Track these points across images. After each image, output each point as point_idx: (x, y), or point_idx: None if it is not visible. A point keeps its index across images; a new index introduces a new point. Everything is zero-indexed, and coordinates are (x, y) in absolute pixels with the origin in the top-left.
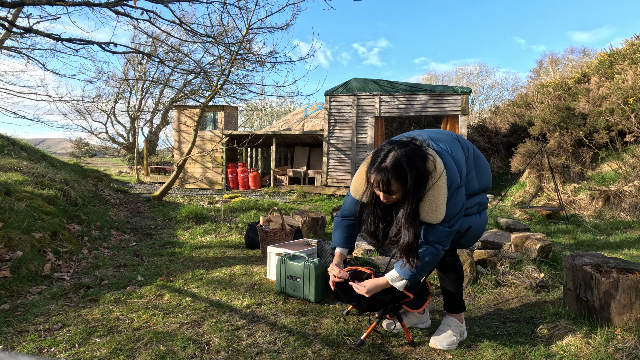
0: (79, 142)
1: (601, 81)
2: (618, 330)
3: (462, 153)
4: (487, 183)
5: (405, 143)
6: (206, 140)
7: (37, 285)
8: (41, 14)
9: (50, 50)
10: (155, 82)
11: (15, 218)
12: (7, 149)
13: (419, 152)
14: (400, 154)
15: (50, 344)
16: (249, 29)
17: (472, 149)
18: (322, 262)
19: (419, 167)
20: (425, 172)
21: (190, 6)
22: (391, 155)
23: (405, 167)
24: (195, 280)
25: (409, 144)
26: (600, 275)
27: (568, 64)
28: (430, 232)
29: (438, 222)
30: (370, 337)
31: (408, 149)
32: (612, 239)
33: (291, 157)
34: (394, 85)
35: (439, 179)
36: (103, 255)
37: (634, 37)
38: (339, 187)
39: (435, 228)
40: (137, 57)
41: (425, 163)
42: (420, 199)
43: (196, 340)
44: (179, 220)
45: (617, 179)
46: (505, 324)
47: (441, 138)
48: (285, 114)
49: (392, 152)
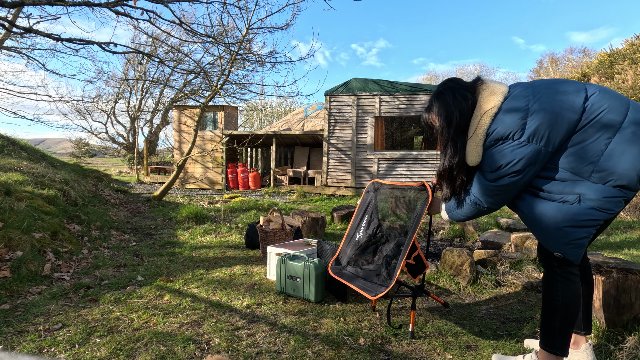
0: (79, 142)
1: (601, 81)
2: (618, 330)
3: (565, 107)
4: (618, 171)
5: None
6: (206, 140)
7: (37, 285)
8: (41, 14)
9: (50, 50)
10: (155, 82)
11: (15, 218)
12: (7, 149)
13: (451, 85)
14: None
15: (50, 344)
16: (249, 29)
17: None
18: (322, 262)
19: (445, 99)
20: (449, 105)
21: (190, 6)
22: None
23: (433, 100)
24: (195, 280)
25: (447, 81)
26: (600, 275)
27: (568, 63)
28: (474, 178)
29: (472, 165)
30: (370, 337)
31: (442, 85)
32: (612, 239)
33: (291, 157)
34: (395, 85)
35: (481, 118)
36: (103, 255)
37: (633, 37)
38: (339, 187)
39: (477, 176)
40: (137, 57)
41: (453, 97)
42: (454, 133)
43: (196, 340)
44: (179, 220)
45: None
46: (505, 324)
47: (536, 84)
48: (285, 114)
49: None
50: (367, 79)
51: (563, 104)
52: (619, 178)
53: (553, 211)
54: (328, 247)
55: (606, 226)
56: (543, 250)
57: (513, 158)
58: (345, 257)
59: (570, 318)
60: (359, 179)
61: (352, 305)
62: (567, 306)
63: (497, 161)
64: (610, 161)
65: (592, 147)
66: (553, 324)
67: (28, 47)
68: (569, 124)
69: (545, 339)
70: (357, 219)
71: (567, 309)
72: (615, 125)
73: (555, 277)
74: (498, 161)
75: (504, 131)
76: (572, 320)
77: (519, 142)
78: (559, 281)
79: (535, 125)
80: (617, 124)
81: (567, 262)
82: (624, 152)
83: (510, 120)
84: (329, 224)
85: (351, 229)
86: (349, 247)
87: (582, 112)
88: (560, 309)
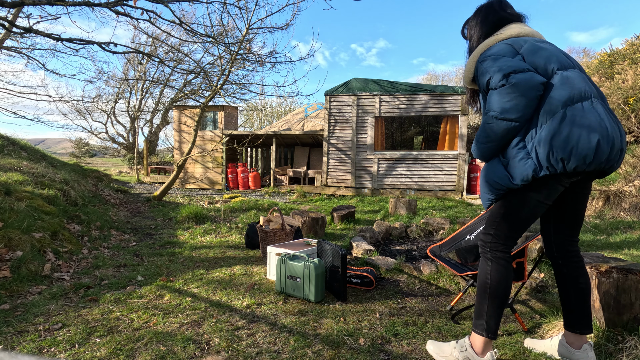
0: (79, 142)
1: (601, 81)
2: (618, 330)
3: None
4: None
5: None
6: (206, 140)
7: (37, 285)
8: (41, 14)
9: (50, 50)
10: (155, 82)
11: (15, 218)
12: (7, 149)
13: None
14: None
15: (50, 344)
16: (249, 29)
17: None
18: (322, 262)
19: (477, 17)
20: (473, 20)
21: (190, 6)
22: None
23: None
24: (195, 280)
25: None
26: (600, 275)
27: None
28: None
29: (466, 83)
30: (370, 337)
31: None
32: (612, 239)
33: (291, 157)
34: (395, 85)
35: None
36: (103, 255)
37: (633, 37)
38: (339, 187)
39: (488, 95)
40: (137, 57)
41: (479, 16)
42: (472, 46)
43: (196, 340)
44: (179, 220)
45: (617, 179)
46: (505, 324)
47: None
48: (285, 114)
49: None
50: (367, 79)
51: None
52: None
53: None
54: (328, 247)
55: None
56: (482, 237)
57: (505, 63)
58: (447, 247)
59: (498, 301)
60: (359, 179)
61: (352, 305)
62: (496, 289)
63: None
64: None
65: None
66: (483, 306)
67: (28, 47)
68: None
69: (476, 320)
70: (474, 224)
71: (496, 293)
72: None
73: (486, 262)
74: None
75: (497, 51)
76: (501, 303)
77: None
78: (489, 265)
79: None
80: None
81: (496, 248)
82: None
83: (507, 49)
84: (329, 224)
85: (464, 230)
86: (456, 242)
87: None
88: (489, 292)
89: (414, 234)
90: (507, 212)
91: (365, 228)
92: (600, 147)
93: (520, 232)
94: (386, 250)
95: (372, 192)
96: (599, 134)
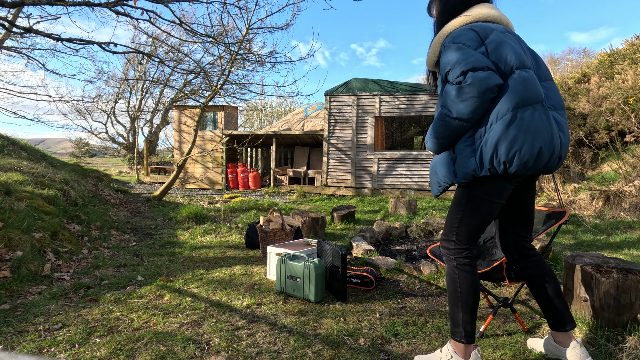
0: (79, 142)
1: (601, 81)
2: (618, 330)
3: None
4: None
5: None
6: (206, 140)
7: (37, 285)
8: (41, 14)
9: (50, 50)
10: (155, 82)
11: (15, 218)
12: (7, 149)
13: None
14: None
15: (50, 344)
16: (249, 29)
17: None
18: (322, 262)
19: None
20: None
21: (190, 6)
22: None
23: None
24: (195, 280)
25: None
26: (600, 275)
27: (568, 64)
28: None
29: (429, 65)
30: (370, 337)
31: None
32: (612, 239)
33: (291, 157)
34: (395, 86)
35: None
36: (103, 255)
37: (634, 37)
38: (339, 187)
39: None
40: (137, 57)
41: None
42: (438, 26)
43: (196, 340)
44: (179, 220)
45: (617, 179)
46: (505, 324)
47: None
48: (285, 114)
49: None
50: (367, 79)
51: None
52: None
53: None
54: (328, 247)
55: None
56: (444, 245)
57: (466, 57)
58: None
59: (470, 306)
60: (359, 179)
61: (352, 305)
62: (467, 296)
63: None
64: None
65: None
66: (457, 314)
67: (28, 47)
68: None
69: (453, 329)
70: None
71: (467, 298)
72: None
73: (453, 270)
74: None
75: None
76: (473, 307)
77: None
78: (456, 273)
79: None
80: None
81: (460, 254)
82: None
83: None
84: (329, 224)
85: None
86: None
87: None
88: (462, 299)
89: (414, 234)
90: (463, 216)
91: (365, 228)
92: (541, 154)
93: (480, 233)
94: (386, 250)
95: (372, 192)
96: (543, 141)
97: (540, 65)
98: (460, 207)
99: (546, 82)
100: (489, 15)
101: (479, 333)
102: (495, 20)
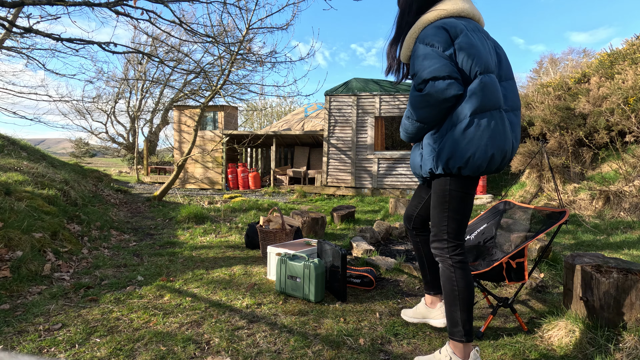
0: (79, 142)
1: (601, 81)
2: (618, 330)
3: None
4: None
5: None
6: (206, 140)
7: (37, 285)
8: (41, 14)
9: (50, 50)
10: (155, 82)
11: (15, 218)
12: (7, 149)
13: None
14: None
15: (50, 344)
16: (249, 29)
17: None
18: (322, 262)
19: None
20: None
21: (190, 6)
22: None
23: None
24: (195, 280)
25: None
26: (600, 275)
27: (568, 64)
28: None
29: (403, 59)
30: (370, 337)
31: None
32: (612, 239)
33: (291, 157)
34: (395, 85)
35: (421, 20)
36: (103, 255)
37: (634, 37)
38: (339, 187)
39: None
40: (137, 57)
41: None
42: (399, 29)
43: (196, 340)
44: (179, 220)
45: (617, 179)
46: (505, 324)
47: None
48: (285, 114)
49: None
50: (367, 79)
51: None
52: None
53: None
54: (328, 247)
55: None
56: (436, 245)
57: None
58: None
59: (467, 304)
60: (359, 179)
61: (352, 305)
62: (464, 293)
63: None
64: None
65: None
66: (455, 313)
67: (28, 47)
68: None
69: (452, 329)
70: (474, 224)
71: (464, 296)
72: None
73: (449, 269)
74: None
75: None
76: (470, 305)
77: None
78: (452, 272)
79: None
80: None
81: (454, 251)
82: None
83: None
84: (329, 224)
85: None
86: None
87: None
88: (459, 298)
89: None
90: (450, 213)
91: (365, 228)
92: (493, 159)
93: (465, 225)
94: (386, 250)
95: (372, 192)
96: (497, 147)
97: (503, 65)
98: (445, 205)
99: (507, 81)
100: (462, 10)
101: (479, 333)
102: (468, 15)
